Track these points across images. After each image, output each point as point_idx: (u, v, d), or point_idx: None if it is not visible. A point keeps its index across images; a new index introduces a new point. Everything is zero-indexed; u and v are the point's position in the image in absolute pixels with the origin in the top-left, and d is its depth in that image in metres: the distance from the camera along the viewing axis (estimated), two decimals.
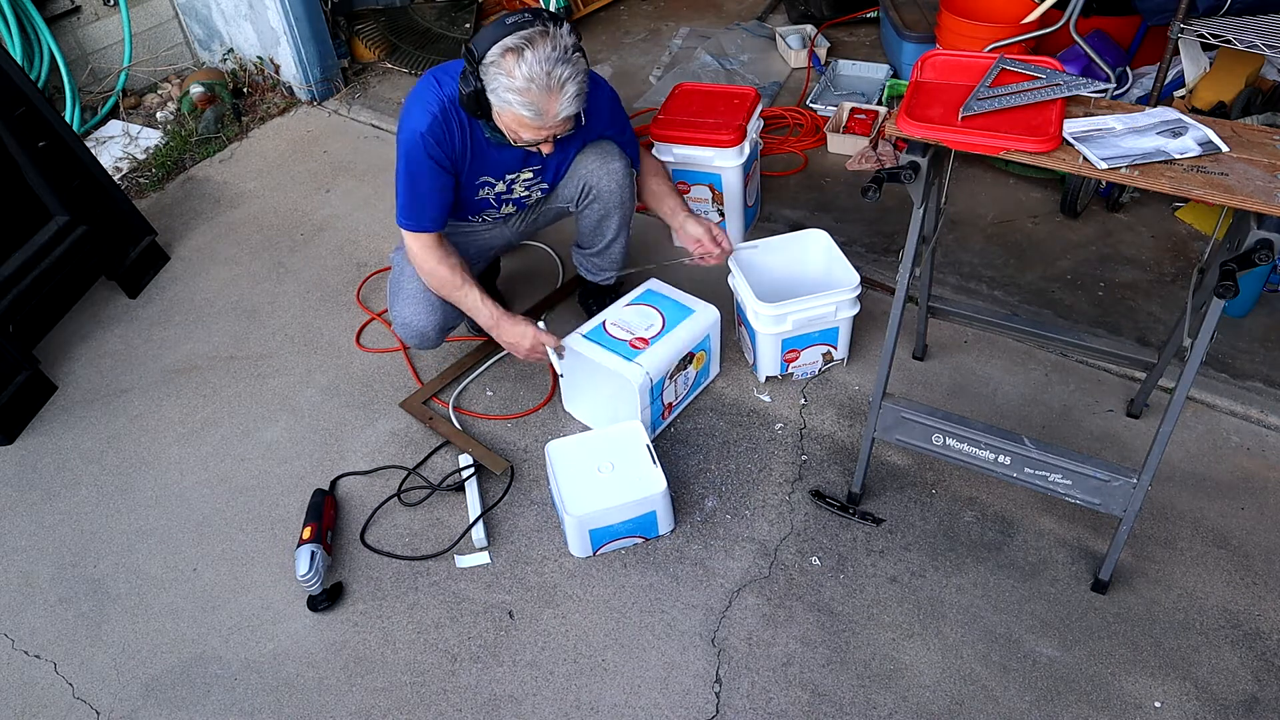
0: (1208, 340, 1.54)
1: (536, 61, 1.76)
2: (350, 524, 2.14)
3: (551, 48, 1.77)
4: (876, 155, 2.96)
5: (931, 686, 1.78)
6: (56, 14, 3.39)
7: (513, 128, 1.88)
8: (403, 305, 2.19)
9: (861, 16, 3.92)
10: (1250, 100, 2.64)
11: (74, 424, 2.44)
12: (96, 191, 2.70)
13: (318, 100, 3.67)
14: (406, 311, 2.19)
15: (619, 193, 2.22)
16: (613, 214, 2.27)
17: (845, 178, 3.07)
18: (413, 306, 2.17)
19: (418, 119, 1.95)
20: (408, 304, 2.18)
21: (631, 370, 2.08)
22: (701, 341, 2.25)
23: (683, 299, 2.30)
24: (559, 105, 1.81)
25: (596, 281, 2.48)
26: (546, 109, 1.81)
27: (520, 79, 1.77)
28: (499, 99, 1.82)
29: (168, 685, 1.88)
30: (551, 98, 1.80)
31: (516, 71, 1.77)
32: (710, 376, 2.40)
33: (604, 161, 2.18)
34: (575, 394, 2.33)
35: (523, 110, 1.81)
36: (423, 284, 2.15)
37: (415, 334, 2.22)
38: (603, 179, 2.19)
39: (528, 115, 1.81)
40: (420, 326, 2.19)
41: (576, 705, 1.79)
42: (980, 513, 2.06)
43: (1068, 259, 2.70)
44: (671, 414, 2.29)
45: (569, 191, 2.25)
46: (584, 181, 2.20)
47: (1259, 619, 1.85)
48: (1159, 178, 1.44)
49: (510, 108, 1.82)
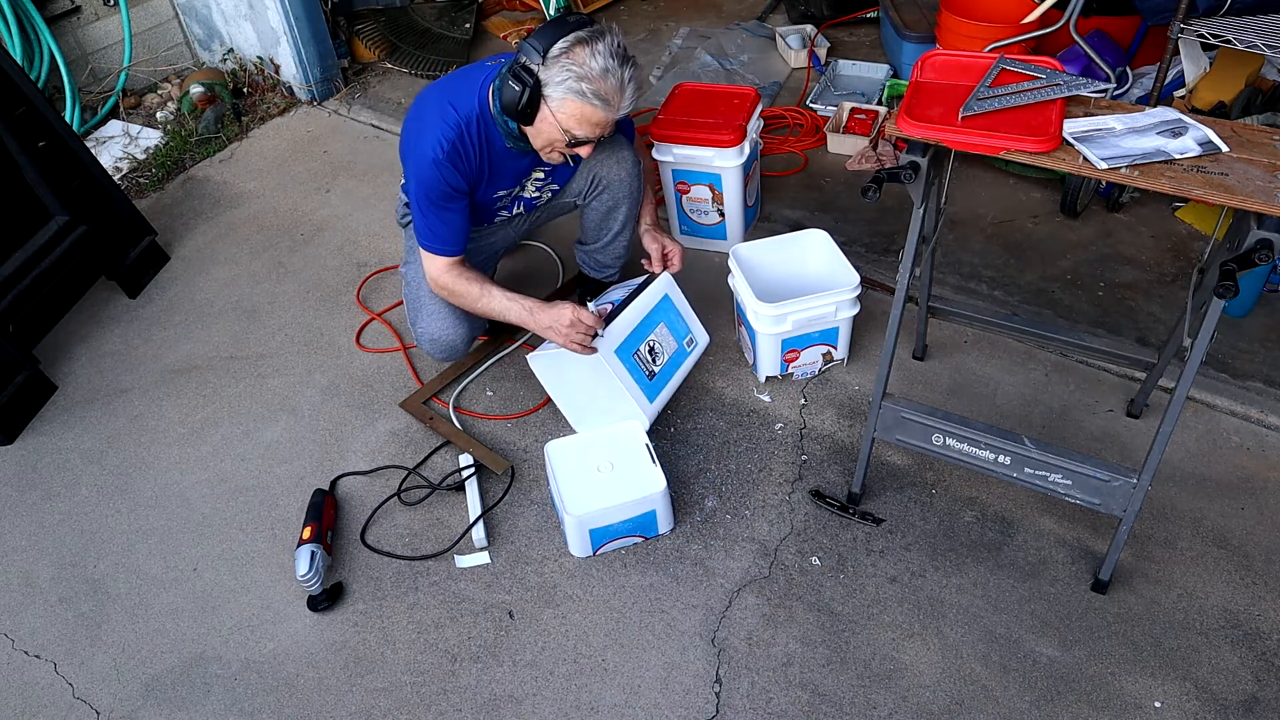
0: (1208, 340, 1.54)
1: (609, 54, 1.79)
2: (350, 524, 2.14)
3: (617, 45, 1.82)
4: (876, 155, 2.96)
5: (931, 686, 1.78)
6: (56, 14, 3.39)
7: (569, 124, 1.87)
8: (429, 321, 2.18)
9: (861, 16, 3.92)
10: (1250, 100, 2.64)
11: (74, 424, 2.44)
12: (96, 191, 2.70)
13: (318, 100, 3.67)
14: (434, 327, 2.18)
15: (629, 181, 2.22)
16: (621, 204, 2.27)
17: (845, 178, 3.07)
18: (439, 321, 2.17)
19: (432, 147, 1.91)
20: (434, 319, 2.18)
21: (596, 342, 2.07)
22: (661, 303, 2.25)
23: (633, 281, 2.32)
24: (625, 100, 1.86)
25: (599, 278, 2.48)
26: (615, 102, 1.84)
27: (596, 69, 1.79)
28: (566, 90, 1.81)
29: (168, 685, 1.88)
30: (621, 92, 1.84)
31: (592, 62, 1.78)
32: (701, 343, 2.37)
33: (613, 151, 2.19)
34: (571, 404, 2.27)
35: (594, 100, 1.82)
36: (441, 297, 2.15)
37: (444, 348, 2.22)
38: (613, 168, 2.19)
39: (597, 105, 1.82)
40: (449, 340, 2.19)
41: (576, 705, 1.79)
42: (980, 513, 2.06)
43: (1068, 259, 2.70)
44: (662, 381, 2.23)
45: (578, 185, 2.25)
46: (594, 173, 2.20)
47: (1259, 619, 1.85)
48: (1159, 178, 1.44)
49: (580, 99, 1.82)
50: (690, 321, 2.35)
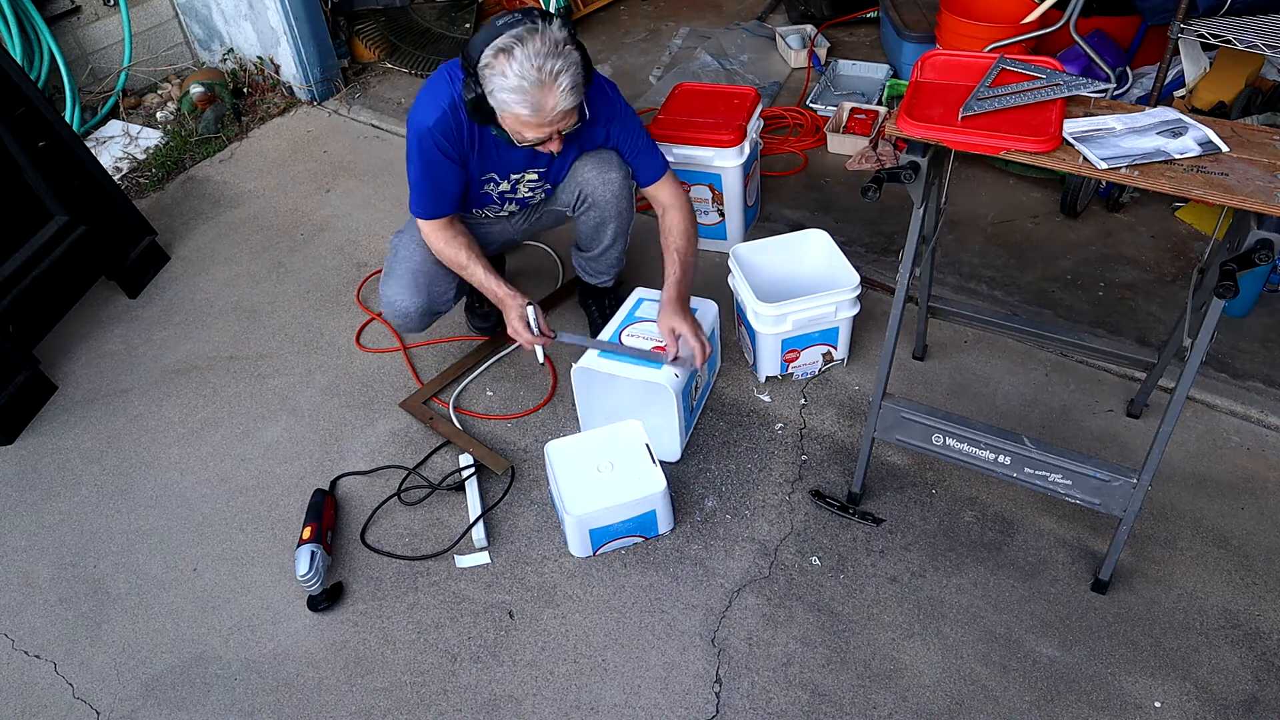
0: (1208, 340, 1.54)
1: (526, 58, 1.76)
2: (350, 524, 2.14)
3: (541, 43, 1.76)
4: (876, 155, 2.95)
5: (931, 686, 1.78)
6: (56, 14, 3.39)
7: (515, 128, 1.88)
8: (389, 285, 2.23)
9: (861, 16, 3.92)
10: (1250, 100, 2.64)
11: (74, 424, 2.44)
12: (96, 191, 2.70)
13: (318, 100, 3.67)
14: (392, 291, 2.23)
15: (615, 203, 2.22)
16: (608, 222, 2.27)
17: (845, 178, 3.07)
18: (398, 287, 2.21)
19: (427, 113, 1.97)
20: (394, 284, 2.22)
21: (666, 376, 2.05)
22: (709, 335, 2.24)
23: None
24: (555, 99, 1.80)
25: (594, 284, 2.49)
26: (542, 104, 1.80)
27: (513, 77, 1.77)
28: (497, 101, 1.83)
29: (168, 685, 1.88)
30: (546, 92, 1.79)
31: (509, 71, 1.77)
32: (716, 369, 2.40)
33: (601, 171, 2.17)
34: (595, 415, 2.26)
35: (520, 108, 1.81)
36: (411, 265, 2.19)
37: (399, 314, 2.25)
38: (598, 188, 2.18)
39: (525, 113, 1.81)
40: (403, 306, 2.22)
41: (576, 705, 1.79)
42: (980, 513, 2.06)
43: (1068, 259, 2.70)
44: (693, 416, 2.28)
45: (566, 197, 2.25)
46: (580, 189, 2.20)
47: (1259, 619, 1.85)
48: (1159, 178, 1.44)
49: (509, 108, 1.82)
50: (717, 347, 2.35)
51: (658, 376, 2.05)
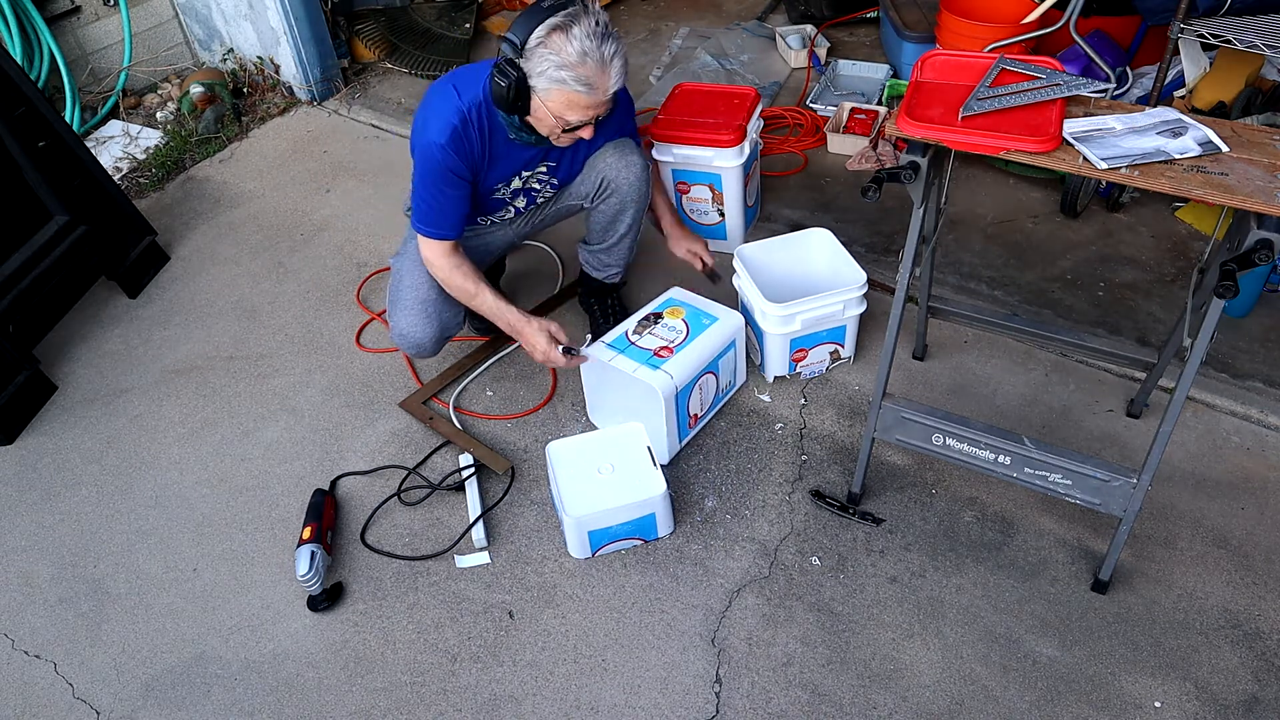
0: (1208, 340, 1.54)
1: (585, 36, 1.78)
2: (350, 524, 2.14)
3: (595, 23, 1.79)
4: (876, 155, 2.95)
5: (931, 686, 1.78)
6: (56, 14, 3.39)
7: (560, 111, 1.87)
8: (400, 316, 2.20)
9: (861, 16, 3.92)
10: (1250, 100, 2.64)
11: (74, 424, 2.44)
12: (96, 191, 2.70)
13: (318, 100, 3.67)
14: (404, 323, 2.19)
15: (637, 187, 2.22)
16: (628, 209, 2.26)
17: (845, 178, 3.07)
18: (410, 317, 2.18)
19: (436, 131, 1.94)
20: (405, 315, 2.19)
21: (658, 379, 2.05)
22: (726, 348, 2.23)
23: (706, 305, 2.28)
24: (611, 79, 1.84)
25: (601, 279, 2.47)
26: (600, 83, 1.83)
27: (573, 54, 1.78)
28: (548, 80, 1.82)
29: (168, 685, 1.88)
30: (604, 72, 1.82)
31: (568, 48, 1.78)
32: (736, 385, 2.37)
33: (622, 156, 2.18)
34: (600, 403, 2.30)
35: (577, 86, 1.81)
36: (420, 294, 2.16)
37: (412, 345, 2.22)
38: (621, 173, 2.19)
39: (582, 91, 1.82)
40: (417, 338, 2.20)
41: (576, 705, 1.79)
42: (980, 513, 2.06)
43: (1068, 259, 2.70)
44: (697, 425, 2.26)
45: (584, 188, 2.25)
46: (602, 176, 2.20)
47: (1259, 619, 1.85)
48: (1159, 178, 1.44)
49: (563, 87, 1.82)
50: (739, 362, 2.33)
51: (651, 378, 2.05)
